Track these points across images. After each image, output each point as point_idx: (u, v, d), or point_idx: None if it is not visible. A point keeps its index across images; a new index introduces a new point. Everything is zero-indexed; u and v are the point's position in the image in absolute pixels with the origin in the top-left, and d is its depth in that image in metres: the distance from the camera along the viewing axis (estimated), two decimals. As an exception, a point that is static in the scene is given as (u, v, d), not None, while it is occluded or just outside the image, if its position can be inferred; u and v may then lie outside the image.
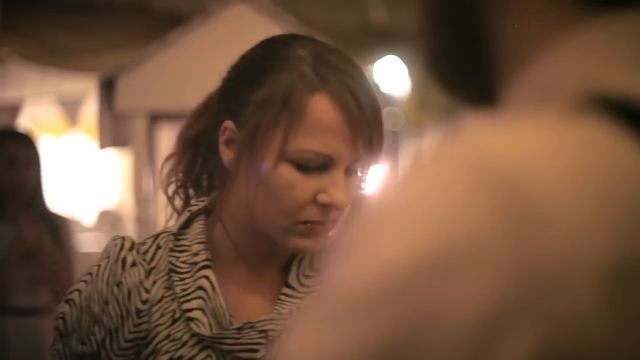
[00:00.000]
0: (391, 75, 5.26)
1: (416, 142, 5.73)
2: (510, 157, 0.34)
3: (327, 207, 1.00)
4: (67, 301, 1.06)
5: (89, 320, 1.04)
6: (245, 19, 3.28)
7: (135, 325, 1.05)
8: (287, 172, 0.99)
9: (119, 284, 1.05)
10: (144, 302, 1.05)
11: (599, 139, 0.35)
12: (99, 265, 1.06)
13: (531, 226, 0.32)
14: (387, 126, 1.04)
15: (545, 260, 0.32)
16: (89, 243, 4.91)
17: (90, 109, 5.85)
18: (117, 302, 1.04)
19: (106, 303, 1.04)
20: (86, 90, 5.59)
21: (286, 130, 0.98)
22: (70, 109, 6.05)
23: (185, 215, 1.10)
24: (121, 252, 1.06)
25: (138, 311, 1.05)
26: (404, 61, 5.32)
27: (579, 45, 0.39)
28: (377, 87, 1.08)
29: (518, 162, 0.34)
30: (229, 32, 3.23)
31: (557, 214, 0.33)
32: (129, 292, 1.04)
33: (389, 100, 4.89)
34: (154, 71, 3.15)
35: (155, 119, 3.41)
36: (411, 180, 0.36)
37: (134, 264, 1.05)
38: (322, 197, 0.99)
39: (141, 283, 1.05)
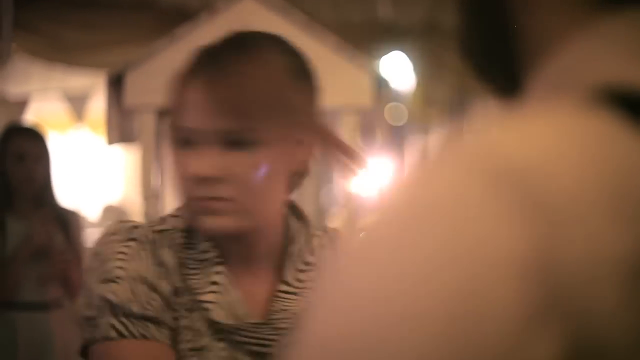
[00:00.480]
0: (397, 71, 5.26)
1: (421, 137, 5.72)
2: (525, 157, 0.34)
3: (203, 181, 1.03)
4: (110, 280, 1.04)
5: (145, 288, 1.04)
6: (252, 14, 3.28)
7: (176, 305, 1.07)
8: (173, 152, 1.08)
9: (161, 264, 1.06)
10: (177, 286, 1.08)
11: (612, 134, 0.35)
12: (128, 246, 1.07)
13: (551, 229, 0.33)
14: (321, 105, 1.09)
15: (568, 263, 0.32)
16: (94, 238, 4.92)
17: (96, 105, 5.85)
18: (165, 280, 1.06)
19: (158, 277, 1.06)
20: (92, 85, 5.59)
21: (169, 114, 1.08)
22: (77, 105, 6.04)
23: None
24: (148, 235, 1.08)
25: (176, 290, 1.07)
26: (409, 57, 5.32)
27: (595, 40, 0.40)
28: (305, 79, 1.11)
29: (533, 162, 0.34)
30: (237, 27, 3.24)
31: (575, 214, 0.33)
32: (171, 272, 1.07)
33: (394, 95, 4.89)
34: (162, 67, 3.14)
35: (163, 114, 3.41)
36: (424, 183, 0.35)
37: (165, 247, 1.08)
38: (189, 170, 1.05)
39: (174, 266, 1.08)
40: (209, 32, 3.54)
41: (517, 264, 0.32)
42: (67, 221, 2.97)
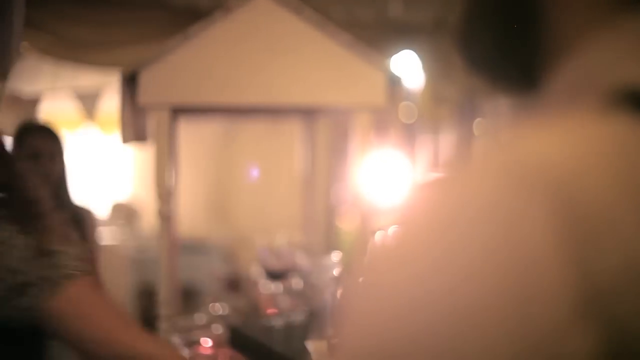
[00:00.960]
0: (407, 70, 5.26)
1: (430, 136, 5.72)
2: (560, 167, 0.35)
3: None
4: None
5: None
6: (266, 13, 3.28)
7: None
8: None
9: None
10: None
11: (636, 139, 0.36)
12: None
13: (586, 237, 0.33)
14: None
15: (601, 269, 0.33)
16: (104, 236, 4.94)
17: (107, 103, 5.86)
18: None
19: None
20: (103, 84, 5.60)
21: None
22: (87, 103, 6.06)
23: None
24: None
25: None
26: (419, 56, 5.32)
27: (617, 40, 0.40)
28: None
29: (568, 172, 0.34)
30: (250, 26, 3.24)
31: (608, 222, 0.34)
32: None
33: (405, 94, 4.89)
34: (176, 65, 3.15)
35: (177, 112, 3.41)
36: (468, 191, 0.35)
37: None
38: None
39: None
40: (222, 30, 3.52)
41: (559, 268, 0.33)
42: (81, 219, 2.98)
